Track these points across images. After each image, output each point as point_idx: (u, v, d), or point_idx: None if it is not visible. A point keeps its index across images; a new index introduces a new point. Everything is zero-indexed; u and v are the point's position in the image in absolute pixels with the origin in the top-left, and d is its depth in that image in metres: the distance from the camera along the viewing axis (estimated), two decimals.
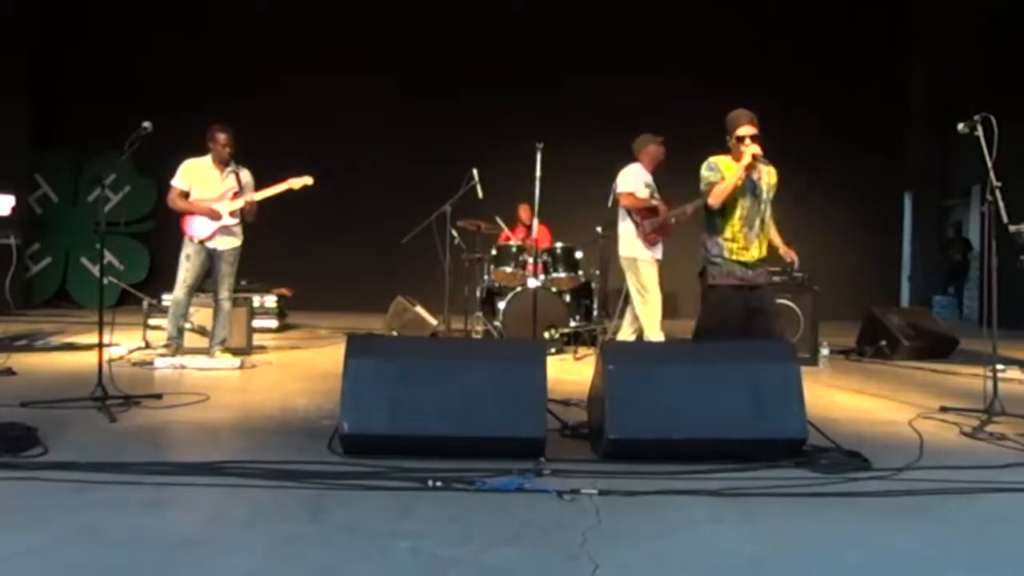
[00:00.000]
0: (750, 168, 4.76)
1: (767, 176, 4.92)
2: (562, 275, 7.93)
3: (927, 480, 3.39)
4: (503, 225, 8.78)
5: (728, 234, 4.83)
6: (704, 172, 4.84)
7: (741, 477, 3.38)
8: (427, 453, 3.51)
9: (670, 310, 12.57)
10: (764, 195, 4.87)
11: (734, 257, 4.81)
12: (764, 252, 4.90)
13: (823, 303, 7.56)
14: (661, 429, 3.60)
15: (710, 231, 4.91)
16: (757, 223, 4.85)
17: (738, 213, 4.80)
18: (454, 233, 8.04)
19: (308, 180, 6.52)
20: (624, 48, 12.36)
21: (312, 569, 2.44)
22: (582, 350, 7.61)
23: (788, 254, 5.32)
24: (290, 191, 6.50)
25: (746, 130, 4.74)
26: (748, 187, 4.80)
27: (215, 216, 6.29)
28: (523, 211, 8.97)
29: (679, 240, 11.15)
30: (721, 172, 4.78)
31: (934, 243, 13.91)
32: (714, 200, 4.75)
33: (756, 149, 4.71)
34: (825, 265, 9.51)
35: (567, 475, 3.34)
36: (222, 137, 6.31)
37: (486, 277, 8.40)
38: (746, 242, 4.82)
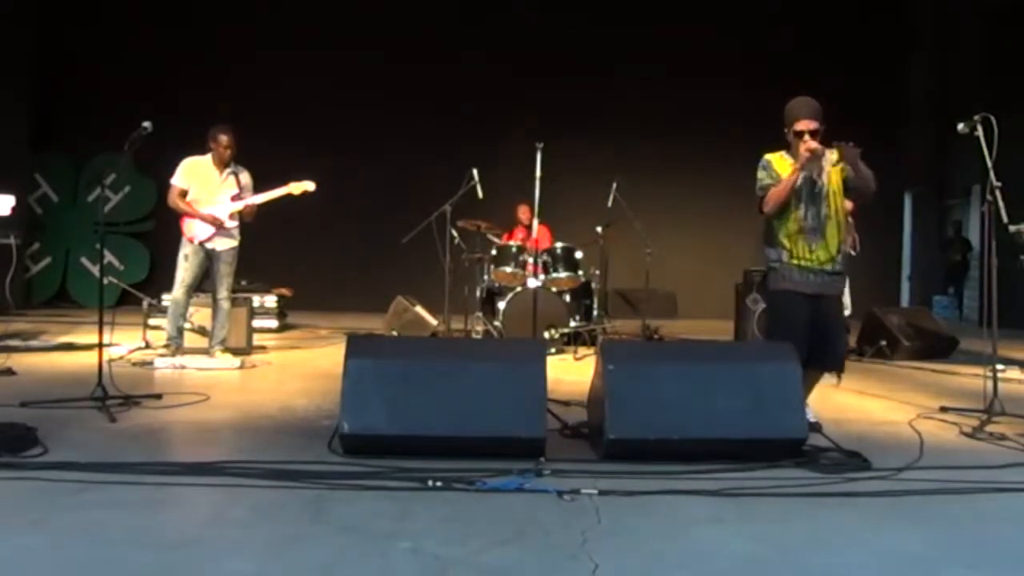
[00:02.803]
0: (808, 166, 4.27)
1: (831, 170, 4.37)
2: (562, 275, 7.93)
3: (927, 480, 3.39)
4: (497, 240, 8.70)
5: (784, 239, 4.35)
6: (758, 174, 4.40)
7: (741, 477, 3.38)
8: (427, 453, 3.51)
9: (670, 310, 12.72)
10: (827, 192, 4.33)
11: (794, 262, 4.33)
12: (832, 254, 4.34)
13: None
14: (661, 429, 3.60)
15: (766, 235, 4.46)
16: (820, 224, 4.32)
17: (793, 216, 4.32)
18: (454, 233, 8.03)
19: (310, 186, 6.43)
20: (624, 46, 12.36)
21: (312, 569, 2.43)
22: (582, 350, 7.60)
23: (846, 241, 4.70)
24: (290, 195, 6.48)
25: (804, 125, 4.26)
26: (806, 187, 4.31)
27: (217, 223, 6.28)
28: (522, 212, 8.96)
29: (677, 239, 11.20)
30: (775, 171, 4.32)
31: (934, 243, 13.91)
32: (767, 208, 4.31)
33: (815, 145, 4.21)
34: None
35: (567, 475, 3.34)
36: (224, 138, 6.28)
37: (486, 277, 8.39)
38: (806, 246, 4.32)
